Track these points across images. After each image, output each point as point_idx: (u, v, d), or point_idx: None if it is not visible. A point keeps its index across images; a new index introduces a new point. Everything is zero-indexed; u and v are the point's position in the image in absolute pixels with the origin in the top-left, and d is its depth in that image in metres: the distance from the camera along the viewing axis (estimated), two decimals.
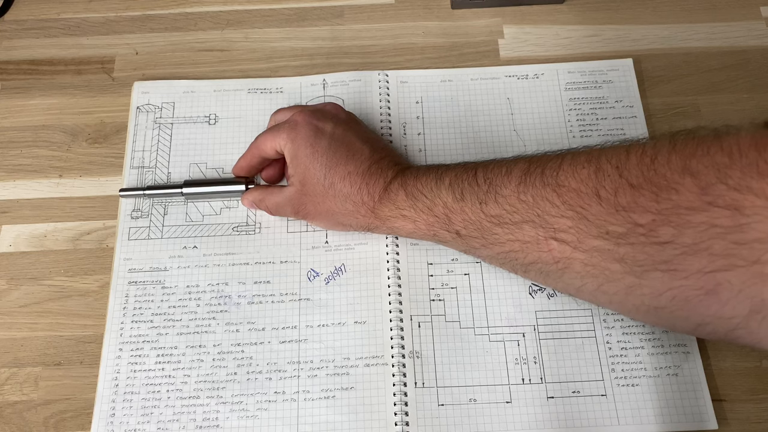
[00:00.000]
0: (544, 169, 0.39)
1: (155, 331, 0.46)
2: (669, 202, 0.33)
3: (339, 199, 0.45)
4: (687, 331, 0.38)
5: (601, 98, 0.54)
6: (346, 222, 0.46)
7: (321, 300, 0.47)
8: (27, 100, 0.55)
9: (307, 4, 0.60)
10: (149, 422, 0.44)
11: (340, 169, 0.45)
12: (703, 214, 0.32)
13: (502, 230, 0.40)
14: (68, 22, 0.59)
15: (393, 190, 0.44)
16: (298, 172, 0.45)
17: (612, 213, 0.35)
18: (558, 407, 0.44)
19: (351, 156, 0.45)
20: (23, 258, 0.49)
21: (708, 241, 0.32)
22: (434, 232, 0.44)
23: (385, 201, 0.44)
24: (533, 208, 0.39)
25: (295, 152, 0.45)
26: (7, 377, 0.46)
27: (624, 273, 0.36)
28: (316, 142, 0.45)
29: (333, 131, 0.46)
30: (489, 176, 0.41)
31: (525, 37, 0.57)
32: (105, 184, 0.52)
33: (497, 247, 0.41)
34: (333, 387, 0.44)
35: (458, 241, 0.43)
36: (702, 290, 0.33)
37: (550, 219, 0.38)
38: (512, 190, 0.40)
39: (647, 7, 0.59)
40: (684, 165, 0.34)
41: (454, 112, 0.54)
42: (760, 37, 0.57)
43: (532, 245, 0.39)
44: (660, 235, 0.34)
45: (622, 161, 0.36)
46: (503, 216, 0.40)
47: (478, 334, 0.46)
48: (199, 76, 0.56)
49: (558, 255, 0.38)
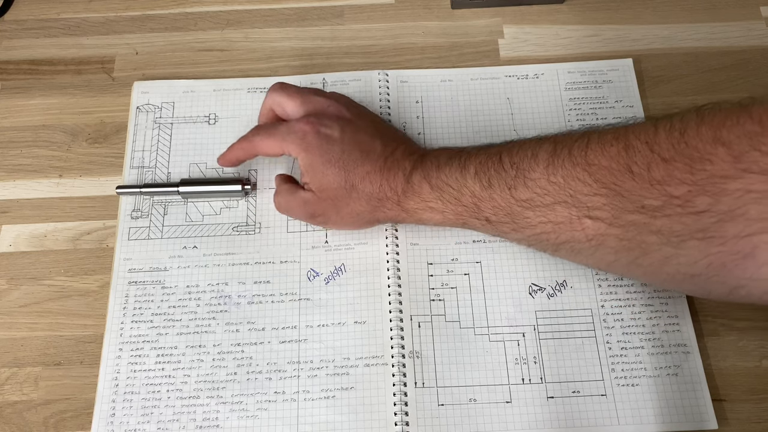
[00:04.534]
0: (572, 150, 0.39)
1: (155, 331, 0.46)
2: (703, 172, 0.34)
3: (363, 199, 0.45)
4: (721, 295, 0.38)
5: (601, 98, 0.54)
6: (371, 218, 0.46)
7: (321, 300, 0.47)
8: (27, 100, 0.55)
9: (307, 4, 0.60)
10: (149, 422, 0.44)
11: (359, 171, 0.45)
12: (739, 182, 0.33)
13: (533, 213, 0.41)
14: (68, 22, 0.59)
15: (416, 183, 0.44)
16: (316, 179, 0.45)
17: (647, 187, 0.36)
18: (558, 407, 0.44)
19: (365, 156, 0.45)
20: (23, 258, 0.49)
21: (744, 207, 0.33)
22: (464, 221, 0.44)
23: (409, 194, 0.44)
24: (565, 189, 0.39)
25: (310, 162, 0.45)
26: (7, 377, 0.46)
27: (661, 244, 0.36)
28: (329, 150, 0.45)
29: (342, 136, 0.45)
30: (515, 160, 0.41)
31: (525, 37, 0.57)
32: (105, 184, 0.52)
33: (528, 230, 0.42)
34: (333, 387, 0.44)
35: (488, 227, 0.44)
36: (739, 254, 0.34)
37: (583, 198, 0.38)
38: (541, 173, 0.40)
39: (647, 7, 0.59)
40: (715, 135, 0.34)
41: (454, 112, 0.54)
42: (760, 37, 0.57)
43: (565, 225, 0.40)
44: (696, 205, 0.34)
45: (650, 137, 0.37)
46: (534, 199, 0.40)
47: (478, 334, 0.46)
48: (199, 76, 0.56)
49: (592, 233, 0.39)
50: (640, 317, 0.46)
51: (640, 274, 0.41)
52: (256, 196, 0.51)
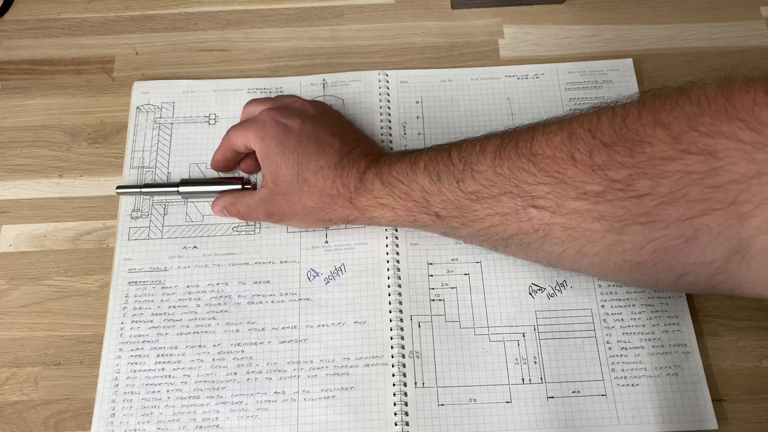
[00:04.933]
0: (518, 142, 0.40)
1: (155, 331, 0.46)
2: (643, 155, 0.34)
3: (315, 194, 0.45)
4: (669, 284, 0.38)
5: (601, 98, 0.54)
6: (325, 217, 0.46)
7: (321, 300, 0.47)
8: (27, 100, 0.55)
9: (307, 4, 0.60)
10: (149, 422, 0.44)
11: (312, 165, 0.44)
12: (678, 163, 0.33)
13: (480, 206, 0.41)
14: (68, 22, 0.59)
15: (368, 180, 0.44)
16: (270, 172, 0.45)
17: (588, 173, 0.36)
18: (558, 407, 0.44)
19: (321, 150, 0.45)
20: (23, 258, 0.49)
21: (684, 189, 0.33)
22: (414, 217, 0.44)
23: (361, 191, 0.44)
24: (510, 180, 0.39)
25: (266, 151, 0.45)
26: (7, 377, 0.46)
27: (604, 231, 0.36)
28: (285, 140, 0.45)
29: (301, 128, 0.46)
30: (463, 155, 0.42)
31: (525, 37, 0.57)
32: (105, 184, 0.52)
33: (477, 224, 0.41)
34: (333, 387, 0.44)
35: (438, 223, 0.43)
36: (682, 238, 0.34)
37: (528, 187, 0.38)
38: (488, 165, 0.40)
39: (647, 7, 0.59)
40: (655, 118, 0.35)
41: (454, 112, 0.54)
42: (760, 37, 0.57)
43: (511, 216, 0.40)
44: (637, 188, 0.35)
45: (594, 124, 0.37)
46: (481, 191, 0.40)
47: (478, 334, 0.46)
48: (199, 76, 0.56)
49: (538, 222, 0.39)
50: (640, 317, 0.46)
51: (588, 265, 0.40)
52: None
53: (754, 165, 0.31)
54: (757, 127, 0.31)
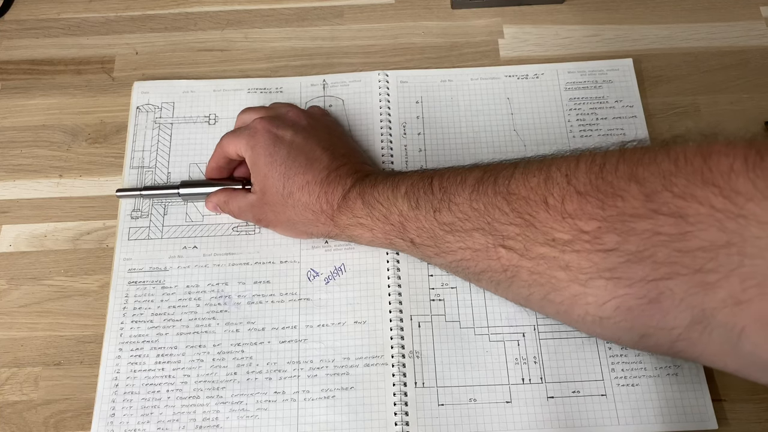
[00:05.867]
0: (497, 178, 0.39)
1: (155, 331, 0.46)
2: (614, 209, 0.33)
3: (298, 208, 0.45)
4: (632, 343, 0.37)
5: (601, 98, 0.54)
6: (307, 230, 0.46)
7: (321, 300, 0.47)
8: (27, 100, 0.55)
9: (307, 4, 0.60)
10: (149, 422, 0.44)
11: (299, 179, 0.44)
12: (648, 222, 0.32)
13: (453, 238, 0.40)
14: (68, 22, 0.59)
15: (351, 199, 0.44)
16: (258, 180, 0.45)
17: (558, 220, 0.35)
18: (558, 407, 0.44)
19: (309, 165, 0.45)
20: (23, 258, 0.49)
21: (652, 249, 0.32)
22: (390, 240, 0.44)
23: (343, 209, 0.44)
24: (484, 216, 0.39)
25: (255, 160, 0.45)
26: (7, 377, 0.46)
27: (569, 281, 0.36)
28: (275, 151, 0.45)
29: (292, 139, 0.45)
30: (444, 184, 0.41)
31: (525, 37, 0.57)
32: (105, 184, 0.52)
33: (449, 255, 0.41)
34: (333, 387, 0.44)
35: (413, 249, 0.43)
36: (645, 299, 0.33)
37: (499, 226, 0.38)
38: (465, 198, 0.40)
39: (647, 7, 0.59)
40: (631, 172, 0.34)
41: (454, 112, 0.54)
42: (760, 37, 0.57)
43: (481, 253, 0.39)
44: (605, 242, 0.34)
45: (571, 169, 0.36)
46: (455, 224, 0.40)
47: (478, 334, 0.46)
48: (199, 76, 0.56)
49: (506, 263, 0.38)
50: None
51: (553, 312, 0.39)
52: None
53: (724, 234, 0.30)
54: (731, 196, 0.30)
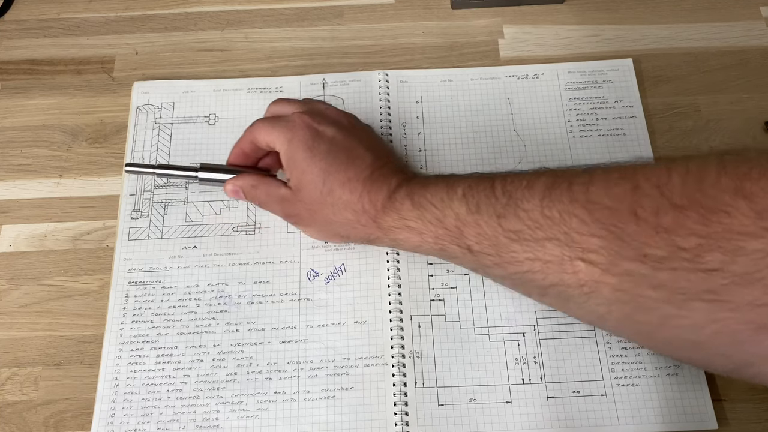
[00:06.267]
0: (572, 184, 0.36)
1: (155, 331, 0.46)
2: (719, 225, 0.30)
3: (338, 207, 0.42)
4: (725, 370, 0.35)
5: (601, 98, 0.54)
6: (343, 232, 0.44)
7: (321, 300, 0.47)
8: (27, 100, 0.55)
9: (307, 4, 0.60)
10: (149, 422, 0.44)
11: (340, 175, 0.42)
12: (759, 241, 0.29)
13: (520, 247, 0.37)
14: (68, 22, 0.59)
15: (398, 199, 0.42)
16: (295, 176, 0.43)
17: (651, 234, 0.32)
18: (558, 407, 0.43)
19: (351, 162, 0.43)
20: (23, 258, 0.49)
21: (764, 271, 0.29)
22: (442, 246, 0.41)
23: (388, 210, 0.42)
24: (559, 225, 0.35)
25: (292, 154, 0.43)
26: (7, 377, 0.46)
27: (660, 301, 0.33)
28: (314, 146, 0.42)
29: (333, 136, 0.43)
30: (508, 188, 0.38)
31: (525, 37, 0.57)
32: (105, 184, 0.52)
33: (513, 266, 0.38)
34: (333, 387, 0.44)
35: (468, 257, 0.40)
36: (752, 324, 0.30)
37: (578, 237, 0.35)
38: (535, 205, 0.37)
39: (647, 7, 0.59)
40: (736, 186, 0.31)
41: (454, 112, 0.54)
42: (760, 37, 0.57)
43: (554, 265, 0.36)
44: (707, 262, 0.31)
45: (663, 180, 0.33)
46: (523, 232, 0.37)
47: (478, 334, 0.46)
48: (199, 76, 0.56)
49: (584, 278, 0.35)
50: None
51: (632, 333, 0.37)
52: None
53: None
54: None
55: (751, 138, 0.52)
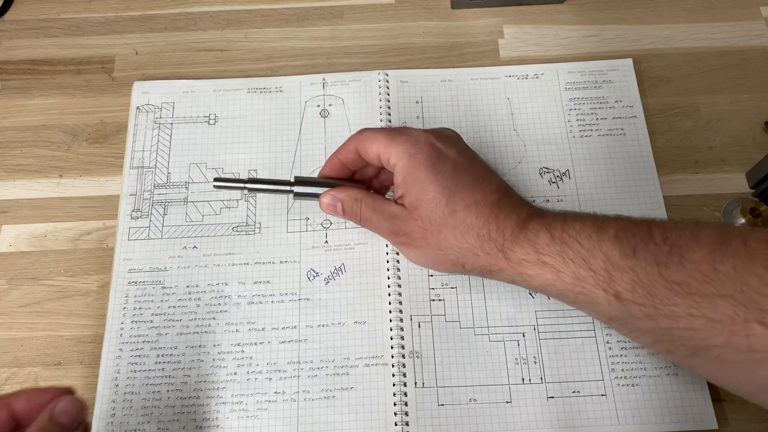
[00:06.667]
0: (747, 240, 0.33)
1: (155, 331, 0.46)
2: None
3: (460, 230, 0.39)
4: None
5: (601, 98, 0.54)
6: (459, 259, 0.40)
7: (321, 300, 0.47)
8: (27, 100, 0.55)
9: (307, 4, 0.60)
10: (149, 422, 0.44)
11: (466, 196, 0.39)
12: None
13: (684, 301, 0.33)
14: (68, 22, 0.59)
15: (532, 230, 0.38)
16: (413, 193, 0.40)
17: None
18: (558, 407, 0.43)
19: (478, 184, 0.40)
20: (23, 258, 0.49)
21: None
22: (582, 288, 0.37)
23: (521, 241, 0.38)
24: (734, 282, 0.32)
25: (411, 171, 0.40)
26: (7, 377, 0.46)
27: None
28: (438, 164, 0.40)
29: (456, 157, 0.41)
30: (668, 235, 0.35)
31: (525, 37, 0.57)
32: (105, 184, 0.52)
33: (668, 320, 0.34)
34: (333, 387, 0.44)
35: (614, 305, 0.36)
36: None
37: (759, 298, 0.31)
38: (704, 257, 0.33)
39: (647, 7, 0.59)
40: None
41: (454, 112, 0.54)
42: (760, 37, 0.57)
43: (722, 325, 0.32)
44: None
45: None
46: (690, 284, 0.33)
47: (478, 334, 0.46)
48: (199, 76, 0.56)
49: (760, 343, 0.31)
50: None
51: None
52: (256, 196, 0.51)
53: None
54: None
55: (751, 138, 0.52)
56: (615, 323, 0.39)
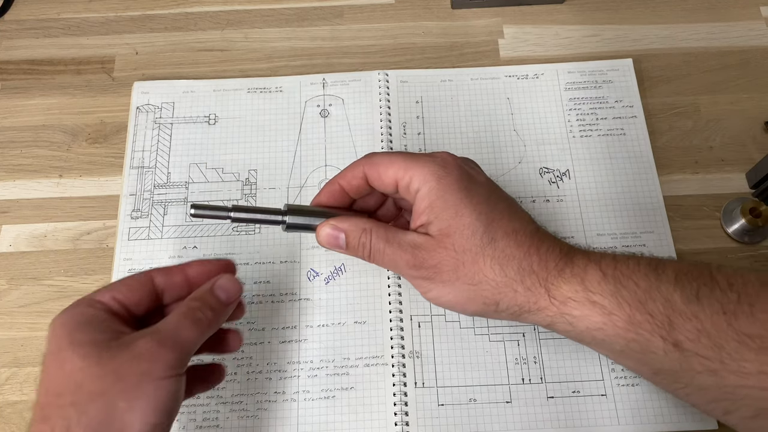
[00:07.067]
0: None
1: None
2: None
3: (498, 260, 0.35)
4: None
5: (601, 98, 0.54)
6: (492, 296, 0.36)
7: (321, 300, 0.47)
8: (27, 100, 0.55)
9: (307, 4, 0.60)
10: None
11: (504, 224, 0.35)
12: None
13: (756, 357, 0.30)
14: (68, 22, 0.59)
15: (579, 265, 0.35)
16: (443, 219, 0.35)
17: None
18: (558, 407, 0.43)
19: (514, 212, 0.36)
20: (23, 258, 0.49)
21: None
22: (636, 334, 0.33)
23: (567, 276, 0.34)
24: None
25: (441, 194, 0.35)
26: (7, 377, 0.46)
27: None
28: (471, 188, 0.36)
29: (488, 182, 0.37)
30: (733, 281, 0.32)
31: (525, 37, 0.57)
32: (105, 184, 0.52)
33: (734, 377, 0.31)
34: (333, 387, 0.44)
35: (672, 355, 0.32)
36: None
37: None
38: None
39: (647, 7, 0.59)
40: None
41: (454, 112, 0.54)
42: (760, 37, 0.57)
43: None
44: None
45: None
46: (764, 339, 0.30)
47: (478, 334, 0.46)
48: (199, 76, 0.56)
49: None
50: None
51: None
52: (256, 196, 0.51)
53: None
54: None
55: (751, 138, 0.52)
56: (665, 378, 0.34)
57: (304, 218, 0.39)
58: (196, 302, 0.34)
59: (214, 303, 0.34)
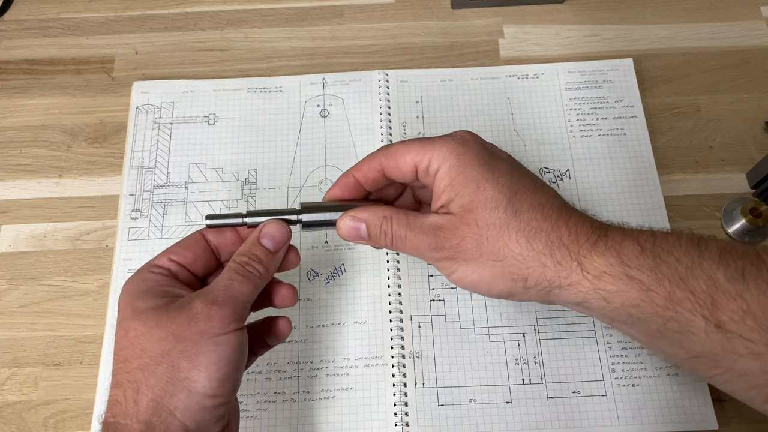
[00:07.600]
0: None
1: None
2: None
3: (525, 233, 0.33)
4: None
5: (601, 98, 0.54)
6: (520, 272, 0.33)
7: (321, 300, 0.47)
8: (27, 100, 0.55)
9: (307, 4, 0.60)
10: None
11: (529, 197, 0.34)
12: None
13: None
14: (68, 22, 0.59)
15: (614, 238, 0.33)
16: (464, 195, 0.34)
17: None
18: (558, 407, 0.43)
19: (539, 187, 0.35)
20: (23, 258, 0.49)
21: None
22: (675, 314, 0.31)
23: (601, 248, 0.32)
24: None
25: (462, 170, 0.34)
26: (7, 377, 0.46)
27: None
28: (492, 163, 0.34)
29: (510, 158, 0.36)
30: None
31: (525, 37, 0.57)
32: (105, 184, 0.52)
33: None
34: (333, 387, 0.44)
35: (713, 336, 0.30)
36: None
37: None
38: None
39: (647, 7, 0.59)
40: None
41: (454, 112, 0.54)
42: (760, 37, 0.57)
43: None
44: None
45: None
46: None
47: (478, 334, 0.46)
48: (199, 75, 0.56)
49: None
50: None
51: None
52: (256, 196, 0.51)
53: None
54: None
55: (751, 138, 0.52)
56: (704, 362, 0.32)
57: (321, 214, 0.37)
58: (244, 256, 0.34)
59: (261, 253, 0.34)
